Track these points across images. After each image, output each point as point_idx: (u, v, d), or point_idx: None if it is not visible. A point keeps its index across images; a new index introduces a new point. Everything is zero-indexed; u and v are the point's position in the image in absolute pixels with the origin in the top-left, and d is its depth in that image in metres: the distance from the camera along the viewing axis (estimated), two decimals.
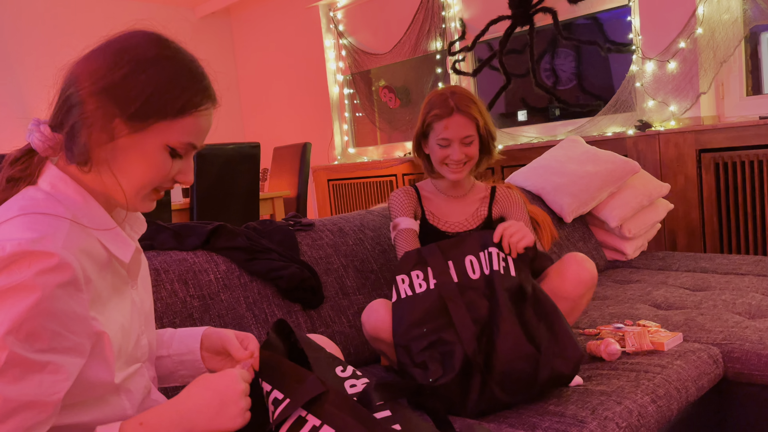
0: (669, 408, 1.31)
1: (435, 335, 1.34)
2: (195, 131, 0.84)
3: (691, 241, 2.95)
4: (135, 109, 0.79)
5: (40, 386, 0.73)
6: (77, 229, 0.80)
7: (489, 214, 1.74)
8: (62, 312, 0.74)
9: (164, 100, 0.80)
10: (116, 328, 0.84)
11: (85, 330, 0.77)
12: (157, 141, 0.82)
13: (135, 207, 0.86)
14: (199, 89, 0.84)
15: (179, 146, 0.83)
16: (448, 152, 1.63)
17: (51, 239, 0.74)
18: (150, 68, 0.80)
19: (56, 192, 0.82)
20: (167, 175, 0.85)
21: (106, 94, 0.79)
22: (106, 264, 0.84)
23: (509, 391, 1.27)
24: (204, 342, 1.02)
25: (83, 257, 0.78)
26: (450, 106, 1.61)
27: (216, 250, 1.58)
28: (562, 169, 2.57)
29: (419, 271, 1.41)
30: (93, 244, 0.82)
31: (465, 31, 4.03)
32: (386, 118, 4.69)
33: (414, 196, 1.74)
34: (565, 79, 3.75)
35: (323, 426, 0.89)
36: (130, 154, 0.82)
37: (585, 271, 1.53)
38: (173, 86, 0.81)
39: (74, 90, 0.81)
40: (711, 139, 2.82)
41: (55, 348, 0.74)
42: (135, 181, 0.83)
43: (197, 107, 0.83)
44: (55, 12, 4.84)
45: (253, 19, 5.62)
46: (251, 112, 5.86)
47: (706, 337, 1.62)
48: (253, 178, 3.42)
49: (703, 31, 2.90)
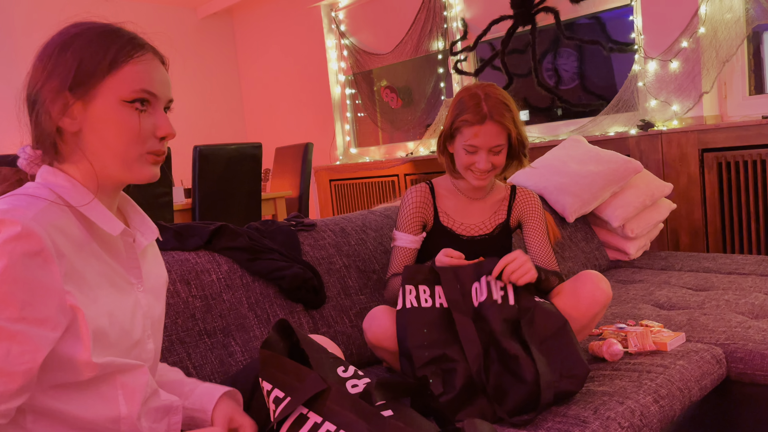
0: (672, 408, 1.31)
1: (439, 350, 1.32)
2: (141, 78, 0.86)
3: (694, 240, 2.94)
4: (73, 79, 0.84)
5: (8, 355, 0.74)
6: (55, 209, 0.83)
7: (507, 219, 1.68)
8: (30, 281, 0.76)
9: (95, 60, 0.85)
10: (101, 313, 0.84)
11: (56, 302, 0.79)
12: (111, 101, 0.85)
13: (132, 176, 0.89)
14: (125, 41, 0.87)
15: (132, 95, 0.86)
16: (474, 159, 1.54)
17: (22, 211, 0.78)
18: (73, 43, 0.86)
19: (46, 182, 0.87)
20: (141, 132, 0.86)
21: (47, 82, 0.85)
22: (85, 246, 0.86)
23: (512, 413, 1.27)
24: (215, 413, 1.00)
25: (55, 232, 0.80)
26: (483, 113, 1.50)
27: (218, 250, 1.58)
28: (565, 168, 2.57)
29: (426, 287, 1.39)
30: (70, 224, 0.84)
31: (467, 30, 4.03)
32: (388, 119, 4.69)
33: (428, 196, 1.65)
34: (568, 78, 3.74)
35: (324, 423, 0.89)
36: (97, 127, 0.86)
37: (600, 291, 1.47)
38: (98, 47, 0.85)
39: (31, 96, 0.87)
40: (714, 138, 2.81)
41: (25, 318, 0.75)
42: (113, 149, 0.86)
43: (130, 56, 0.87)
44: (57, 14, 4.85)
45: (255, 20, 5.62)
46: (253, 112, 5.86)
47: (709, 338, 1.61)
48: (255, 179, 3.42)
49: (705, 31, 2.90)
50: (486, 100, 1.51)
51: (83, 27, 0.88)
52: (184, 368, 1.37)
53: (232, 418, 1.00)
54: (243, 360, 1.46)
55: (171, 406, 0.97)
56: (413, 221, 1.64)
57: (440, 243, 1.64)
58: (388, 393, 0.95)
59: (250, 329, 1.51)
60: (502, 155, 1.56)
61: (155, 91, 0.88)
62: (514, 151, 1.59)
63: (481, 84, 1.59)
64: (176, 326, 1.40)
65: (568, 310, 1.47)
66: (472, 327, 1.34)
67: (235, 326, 1.49)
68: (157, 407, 0.95)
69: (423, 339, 1.33)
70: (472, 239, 1.65)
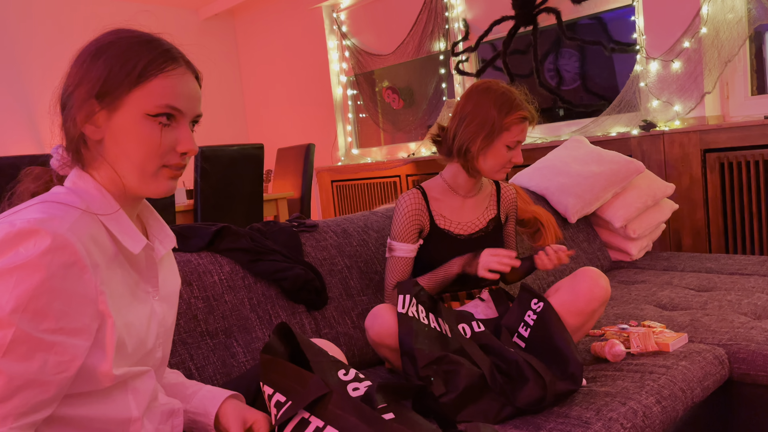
0: (674, 409, 1.31)
1: (442, 351, 1.34)
2: (168, 93, 0.85)
3: (696, 241, 2.94)
4: (100, 88, 0.84)
5: (45, 365, 0.75)
6: (88, 218, 0.83)
7: (498, 214, 1.73)
8: (68, 292, 0.76)
9: (124, 71, 0.84)
10: (122, 323, 0.85)
11: (92, 311, 0.79)
12: (135, 113, 0.84)
13: (149, 189, 0.88)
14: (157, 53, 0.86)
15: (156, 110, 0.85)
16: (512, 155, 1.59)
17: (59, 221, 0.78)
18: (107, 51, 0.85)
19: (76, 188, 0.87)
20: (160, 146, 0.86)
21: (78, 88, 0.85)
22: (114, 258, 0.86)
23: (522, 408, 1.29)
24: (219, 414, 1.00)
25: (90, 243, 0.81)
26: (531, 109, 1.59)
27: (220, 251, 1.58)
28: (567, 169, 2.57)
29: (423, 309, 1.42)
30: (102, 235, 0.85)
31: (468, 31, 4.03)
32: (390, 119, 4.69)
33: (421, 202, 1.65)
34: (569, 79, 3.74)
35: (327, 427, 0.89)
36: (119, 137, 0.85)
37: (598, 287, 1.49)
38: (129, 57, 0.85)
39: (63, 99, 0.87)
40: (716, 138, 2.81)
41: (62, 329, 0.76)
42: (133, 160, 0.86)
43: (160, 69, 0.86)
44: (60, 15, 4.86)
45: (257, 21, 5.63)
46: (255, 113, 5.87)
47: (711, 338, 1.61)
48: (257, 180, 3.43)
49: (707, 31, 2.89)
50: (526, 99, 1.60)
51: (119, 35, 0.87)
52: (187, 369, 1.37)
53: (245, 417, 0.99)
54: (245, 361, 1.46)
55: (173, 409, 0.97)
56: (409, 230, 1.64)
57: (439, 246, 1.65)
58: (389, 396, 0.95)
59: (252, 330, 1.51)
60: None
61: (181, 107, 0.87)
62: None
63: (494, 80, 1.63)
64: (178, 327, 1.40)
65: (566, 306, 1.48)
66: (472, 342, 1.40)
67: (237, 327, 1.49)
68: (162, 411, 0.95)
69: (425, 342, 1.35)
70: (469, 238, 1.66)
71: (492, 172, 1.61)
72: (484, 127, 1.56)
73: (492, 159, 1.59)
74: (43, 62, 4.73)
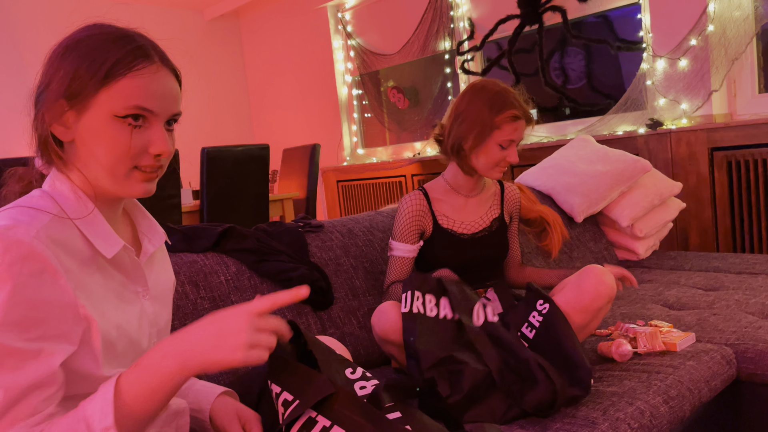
0: (681, 409, 1.30)
1: (447, 351, 1.32)
2: (136, 93, 0.81)
3: (704, 240, 2.92)
4: (67, 87, 0.81)
5: (38, 369, 0.75)
6: (58, 223, 0.81)
7: (501, 213, 1.73)
8: (42, 299, 0.75)
9: (91, 71, 0.80)
10: (110, 326, 0.84)
11: (71, 316, 0.78)
12: (103, 114, 0.81)
13: (123, 191, 0.85)
14: (126, 51, 0.82)
15: (125, 111, 0.81)
16: (506, 154, 1.58)
17: (25, 228, 0.76)
18: (75, 48, 0.82)
19: (52, 190, 0.85)
20: (130, 148, 0.82)
21: (48, 87, 0.83)
22: (89, 261, 0.84)
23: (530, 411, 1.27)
24: (212, 412, 1.00)
25: (58, 249, 0.79)
26: (525, 108, 1.58)
27: (226, 251, 1.58)
28: (573, 168, 2.56)
29: (432, 296, 1.39)
30: (74, 239, 0.83)
31: (474, 30, 4.03)
32: (395, 119, 4.69)
33: (424, 204, 1.66)
34: (575, 77, 3.73)
35: (333, 427, 0.89)
36: (88, 139, 0.82)
37: (604, 285, 1.48)
38: (97, 55, 0.81)
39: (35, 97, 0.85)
40: (723, 137, 2.79)
41: (44, 335, 0.76)
42: (102, 163, 0.82)
43: (129, 68, 0.81)
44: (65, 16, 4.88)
45: (262, 21, 5.63)
46: (260, 113, 5.88)
47: (719, 338, 1.60)
48: (263, 180, 3.43)
49: (714, 29, 2.88)
50: (520, 97, 1.59)
51: (90, 32, 0.84)
52: None
53: (239, 414, 0.99)
54: None
55: (178, 409, 0.97)
56: (410, 231, 1.65)
57: (443, 245, 1.65)
58: (396, 395, 0.95)
59: None
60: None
61: (152, 107, 0.83)
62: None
63: (490, 80, 1.63)
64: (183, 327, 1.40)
65: (572, 304, 1.47)
66: (483, 333, 1.35)
67: None
68: (167, 412, 0.95)
69: (430, 342, 1.33)
70: (473, 237, 1.67)
71: (486, 170, 1.62)
72: (476, 125, 1.57)
73: (484, 157, 1.60)
74: None
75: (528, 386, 1.27)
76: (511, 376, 1.30)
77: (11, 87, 4.62)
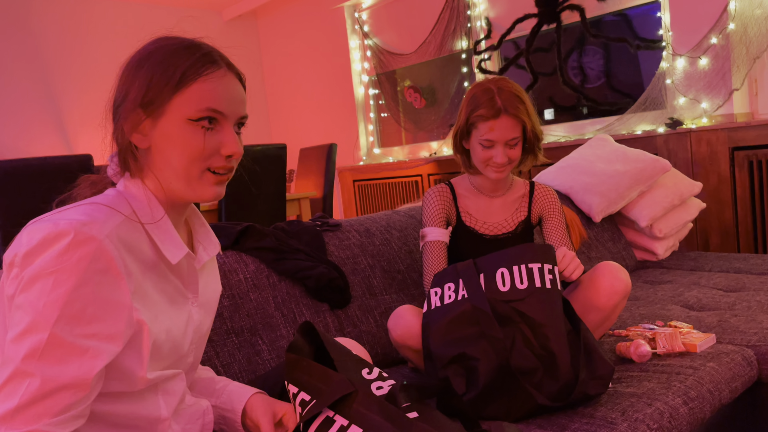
0: (701, 410, 1.29)
1: (459, 349, 1.29)
2: (208, 96, 0.86)
3: (725, 240, 2.89)
4: (143, 96, 0.85)
5: (80, 369, 0.76)
6: (129, 225, 0.84)
7: (528, 215, 1.68)
8: (102, 298, 0.77)
9: (165, 78, 0.85)
10: (160, 330, 0.86)
11: (125, 319, 0.80)
12: (177, 119, 0.85)
13: (195, 194, 0.88)
14: (196, 58, 0.87)
15: (198, 114, 0.86)
16: (491, 154, 1.55)
17: (99, 225, 0.79)
18: (148, 60, 0.87)
19: (126, 192, 0.89)
20: (203, 150, 0.86)
21: (125, 98, 0.87)
22: (152, 266, 0.87)
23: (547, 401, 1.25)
24: (247, 409, 1.01)
25: (126, 251, 0.81)
26: (497, 107, 1.51)
27: (245, 250, 1.60)
28: (591, 168, 2.54)
29: (452, 283, 1.37)
30: (141, 243, 0.86)
31: (491, 29, 4.01)
32: (411, 119, 4.69)
33: (448, 196, 1.66)
34: (594, 77, 3.70)
35: (351, 426, 0.89)
36: (163, 144, 0.86)
37: (619, 281, 1.47)
38: (169, 64, 0.86)
39: (113, 110, 0.89)
40: (744, 136, 2.76)
41: (96, 334, 0.77)
42: (176, 166, 0.86)
43: (199, 73, 0.86)
44: (86, 19, 4.95)
45: (279, 22, 5.66)
46: (277, 113, 5.91)
47: (739, 339, 1.58)
48: (280, 179, 3.45)
49: (735, 27, 2.84)
50: (499, 94, 1.52)
51: (159, 44, 0.89)
52: (213, 366, 1.39)
53: (275, 410, 1.00)
54: (270, 359, 1.47)
55: (203, 408, 0.99)
56: (438, 216, 1.64)
57: (464, 243, 1.64)
58: (413, 394, 0.96)
59: (276, 328, 1.52)
60: (518, 148, 1.57)
61: (222, 109, 0.87)
62: (530, 144, 1.60)
63: (493, 78, 1.59)
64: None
65: (588, 301, 1.46)
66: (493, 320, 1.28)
67: (262, 325, 1.51)
68: (191, 411, 0.96)
69: (445, 337, 1.31)
70: (495, 238, 1.65)
71: (482, 169, 1.60)
72: (462, 124, 1.59)
73: (474, 157, 1.60)
74: (73, 67, 4.82)
75: (548, 373, 1.25)
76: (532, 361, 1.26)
77: (34, 92, 4.69)
